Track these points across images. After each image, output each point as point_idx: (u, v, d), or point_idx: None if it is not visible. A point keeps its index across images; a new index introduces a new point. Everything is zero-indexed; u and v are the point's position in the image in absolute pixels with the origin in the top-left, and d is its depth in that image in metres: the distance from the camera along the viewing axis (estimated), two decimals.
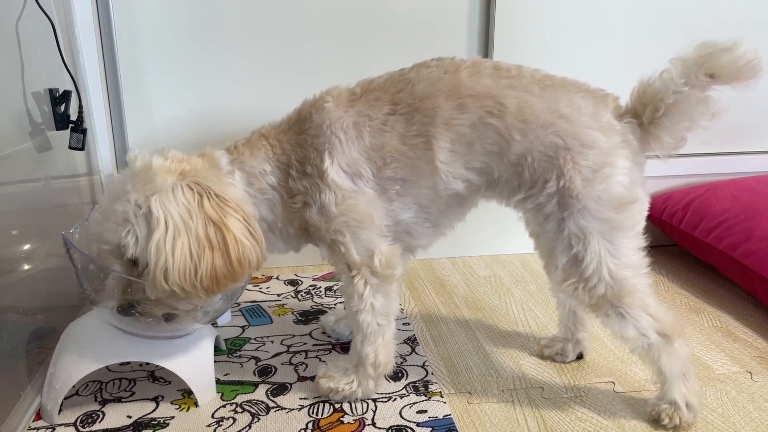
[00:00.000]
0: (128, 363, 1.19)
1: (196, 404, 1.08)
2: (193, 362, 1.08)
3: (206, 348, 1.11)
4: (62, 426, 1.02)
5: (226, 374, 1.17)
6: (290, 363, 1.22)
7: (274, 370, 1.19)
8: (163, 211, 0.90)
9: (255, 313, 1.43)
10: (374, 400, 1.09)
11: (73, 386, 1.05)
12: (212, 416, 1.05)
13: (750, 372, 1.18)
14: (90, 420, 1.04)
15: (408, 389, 1.12)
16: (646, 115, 0.94)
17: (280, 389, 1.13)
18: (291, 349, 1.27)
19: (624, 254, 0.95)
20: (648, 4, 1.65)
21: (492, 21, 1.59)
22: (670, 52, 0.91)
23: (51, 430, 1.02)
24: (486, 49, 1.62)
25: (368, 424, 1.02)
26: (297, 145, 1.01)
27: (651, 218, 1.75)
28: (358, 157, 0.99)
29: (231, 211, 0.93)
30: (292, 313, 1.43)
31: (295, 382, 1.15)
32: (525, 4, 1.59)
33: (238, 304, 1.47)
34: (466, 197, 1.04)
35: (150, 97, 1.55)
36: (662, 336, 0.97)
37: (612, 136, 0.94)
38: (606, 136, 0.94)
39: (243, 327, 1.36)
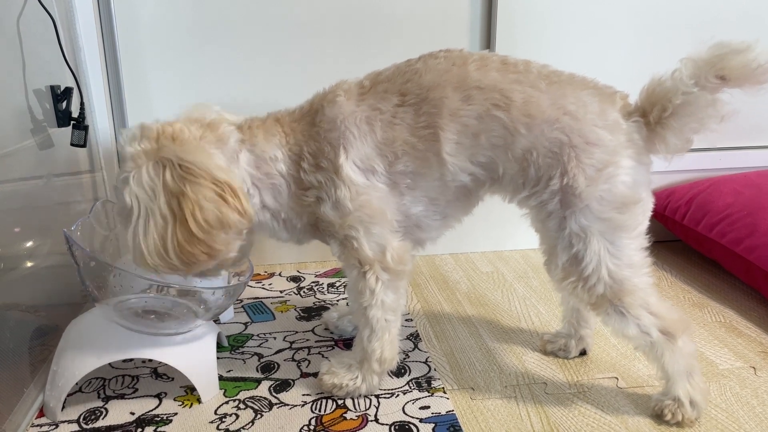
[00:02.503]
0: (131, 360, 1.19)
1: (199, 401, 1.08)
2: (196, 359, 1.08)
3: (209, 345, 1.11)
4: (65, 423, 1.02)
5: (229, 371, 1.17)
6: (293, 359, 1.21)
7: (276, 366, 1.19)
8: (133, 199, 0.92)
9: (257, 309, 1.43)
10: (377, 397, 1.09)
11: (76, 383, 1.05)
12: (215, 413, 1.05)
13: (754, 367, 1.17)
14: (93, 417, 1.04)
15: (411, 385, 1.12)
16: (654, 115, 0.93)
17: (283, 386, 1.13)
18: (294, 346, 1.27)
19: (625, 254, 0.95)
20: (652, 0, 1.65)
21: (494, 18, 1.58)
22: (674, 49, 0.90)
23: (54, 427, 1.02)
24: (488, 46, 1.61)
25: (371, 420, 1.02)
26: (310, 138, 1.00)
27: (654, 214, 1.73)
28: (371, 152, 0.98)
29: (192, 177, 0.90)
30: (295, 309, 1.43)
31: (298, 379, 1.15)
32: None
33: (241, 301, 1.47)
34: (473, 190, 1.04)
35: (152, 93, 1.54)
36: (665, 334, 0.97)
37: (618, 134, 0.94)
38: (612, 134, 0.93)
39: (245, 324, 1.36)
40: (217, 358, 1.13)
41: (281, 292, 1.53)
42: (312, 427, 1.01)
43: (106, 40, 1.47)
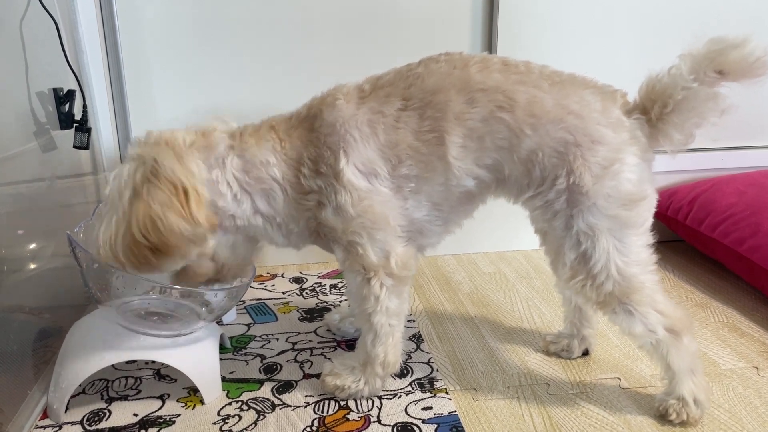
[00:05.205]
0: (134, 361, 1.19)
1: (202, 402, 1.08)
2: (199, 360, 1.08)
3: (212, 346, 1.12)
4: (69, 424, 1.03)
5: (232, 372, 1.18)
6: (295, 360, 1.22)
7: (279, 367, 1.19)
8: (109, 187, 0.94)
9: (260, 310, 1.44)
10: (380, 397, 1.09)
11: (80, 385, 1.05)
12: (218, 414, 1.05)
13: (757, 367, 1.17)
14: (96, 418, 1.04)
15: (413, 386, 1.12)
16: (655, 112, 0.93)
17: (286, 387, 1.13)
18: (296, 347, 1.27)
19: (632, 251, 0.95)
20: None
21: (495, 19, 1.58)
22: (677, 47, 0.90)
23: (58, 428, 1.02)
24: (489, 47, 1.61)
25: (374, 421, 1.03)
26: (309, 143, 0.99)
27: (656, 214, 1.73)
28: (374, 155, 0.97)
29: (154, 178, 0.91)
30: (297, 310, 1.43)
31: (301, 380, 1.15)
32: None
33: (243, 302, 1.47)
34: (476, 195, 1.03)
35: (154, 95, 1.55)
36: (671, 332, 0.97)
37: (621, 132, 0.94)
38: (615, 132, 0.94)
39: (248, 325, 1.37)
40: (220, 359, 1.13)
41: (284, 293, 1.53)
42: (315, 428, 1.01)
43: (109, 43, 1.47)
